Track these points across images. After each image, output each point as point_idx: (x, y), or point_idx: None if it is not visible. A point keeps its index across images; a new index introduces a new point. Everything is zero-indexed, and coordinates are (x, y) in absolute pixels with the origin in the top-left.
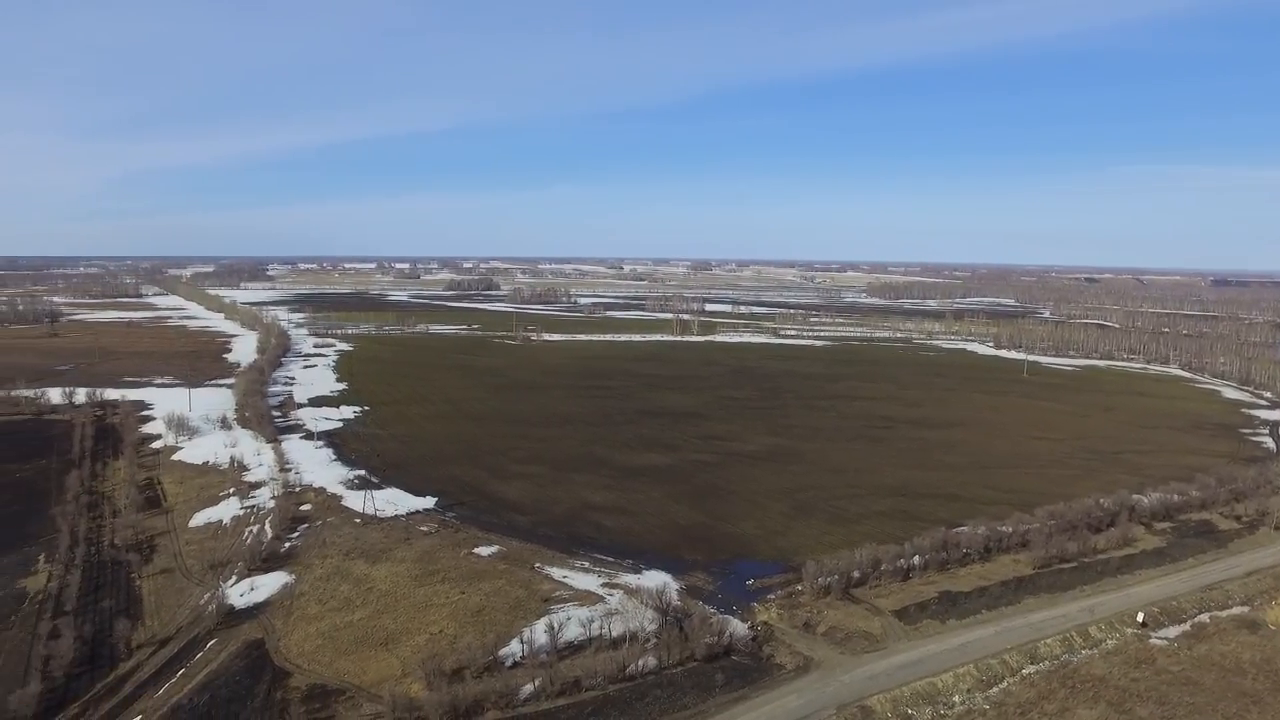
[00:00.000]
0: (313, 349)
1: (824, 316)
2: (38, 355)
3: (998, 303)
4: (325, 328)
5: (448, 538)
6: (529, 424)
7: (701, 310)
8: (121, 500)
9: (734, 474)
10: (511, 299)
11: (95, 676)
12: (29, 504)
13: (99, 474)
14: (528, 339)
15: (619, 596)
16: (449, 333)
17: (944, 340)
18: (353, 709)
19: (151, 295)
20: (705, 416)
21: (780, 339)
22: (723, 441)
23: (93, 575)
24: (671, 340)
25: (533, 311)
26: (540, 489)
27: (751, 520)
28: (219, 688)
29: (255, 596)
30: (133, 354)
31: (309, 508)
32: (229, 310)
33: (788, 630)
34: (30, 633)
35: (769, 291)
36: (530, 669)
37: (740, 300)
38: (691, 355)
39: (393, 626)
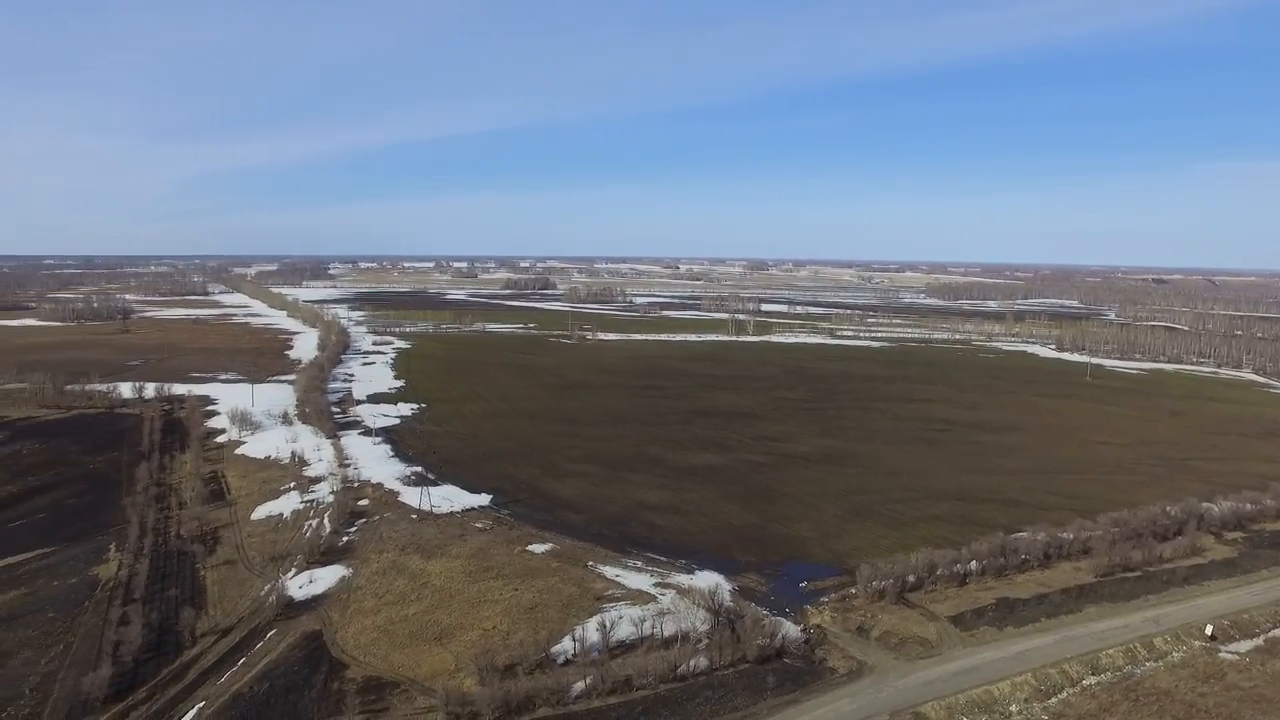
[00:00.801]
0: (372, 346)
1: (881, 317)
2: (111, 350)
3: (1060, 304)
4: (384, 326)
5: (502, 535)
6: (583, 423)
7: (757, 310)
8: (187, 492)
9: (788, 475)
10: (567, 298)
11: (161, 662)
12: (101, 494)
13: (167, 466)
14: (583, 338)
15: (671, 596)
16: (505, 331)
17: (1004, 342)
18: (407, 702)
19: (218, 293)
20: (759, 417)
21: (836, 340)
22: (777, 442)
23: (160, 564)
24: (726, 340)
25: (588, 311)
26: (594, 488)
27: (805, 522)
28: (278, 677)
29: (314, 589)
30: (199, 350)
31: (366, 503)
32: (291, 308)
33: (841, 634)
34: (102, 618)
35: (825, 292)
36: (582, 667)
37: (796, 300)
38: (746, 355)
39: (447, 622)
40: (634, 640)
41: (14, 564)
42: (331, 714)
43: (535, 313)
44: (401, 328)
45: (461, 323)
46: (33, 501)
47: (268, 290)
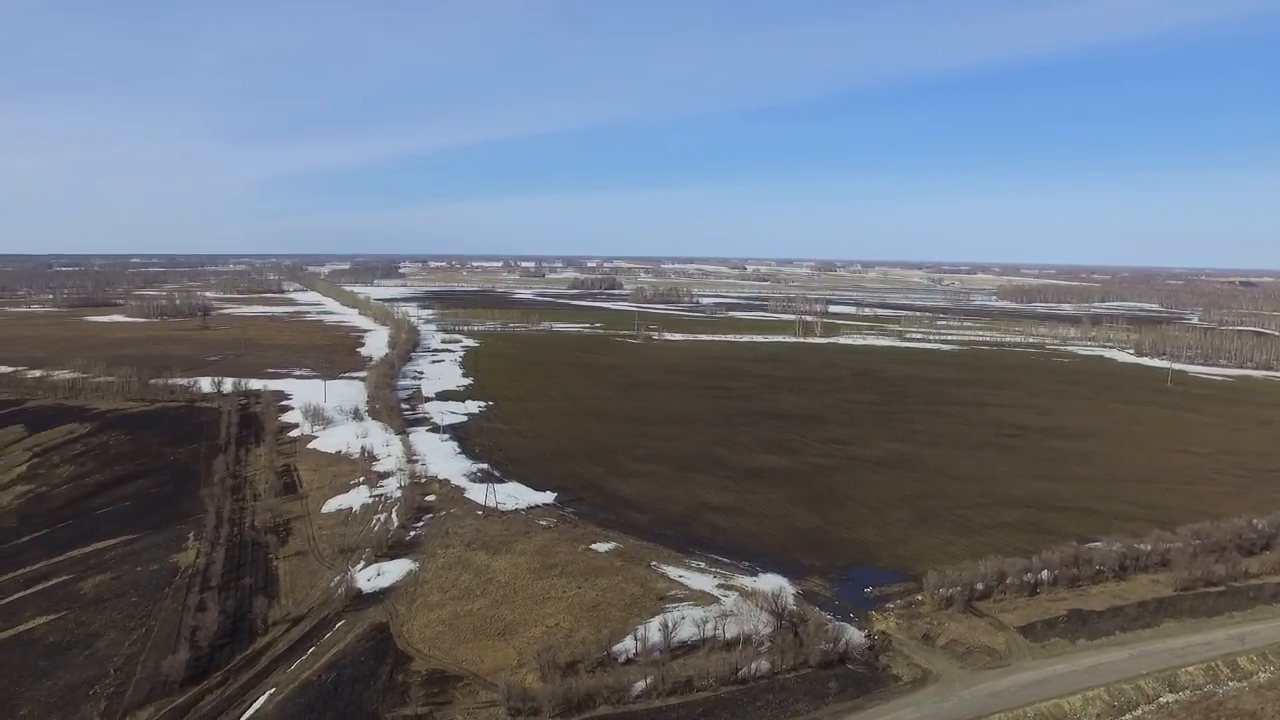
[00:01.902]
0: (441, 345)
1: (951, 320)
2: (191, 346)
3: (1140, 307)
4: (453, 324)
5: (566, 533)
6: (648, 423)
7: (824, 311)
8: (262, 485)
9: (854, 479)
10: (634, 298)
11: (235, 649)
12: (181, 485)
13: (242, 459)
14: (649, 338)
15: (734, 598)
16: (572, 331)
17: (1080, 346)
18: (469, 696)
19: (292, 291)
20: (826, 420)
21: (905, 342)
22: (843, 445)
23: (235, 554)
24: (793, 341)
25: (654, 311)
26: (658, 488)
27: (871, 526)
28: (345, 667)
29: (381, 582)
30: (274, 346)
31: (433, 498)
32: (363, 306)
33: (906, 641)
34: (181, 604)
35: (894, 293)
36: (643, 666)
37: (864, 302)
38: (813, 357)
39: (510, 617)
40: (696, 641)
41: (102, 549)
42: (396, 705)
43: (601, 312)
44: (470, 326)
45: (528, 322)
46: (119, 490)
47: (340, 289)
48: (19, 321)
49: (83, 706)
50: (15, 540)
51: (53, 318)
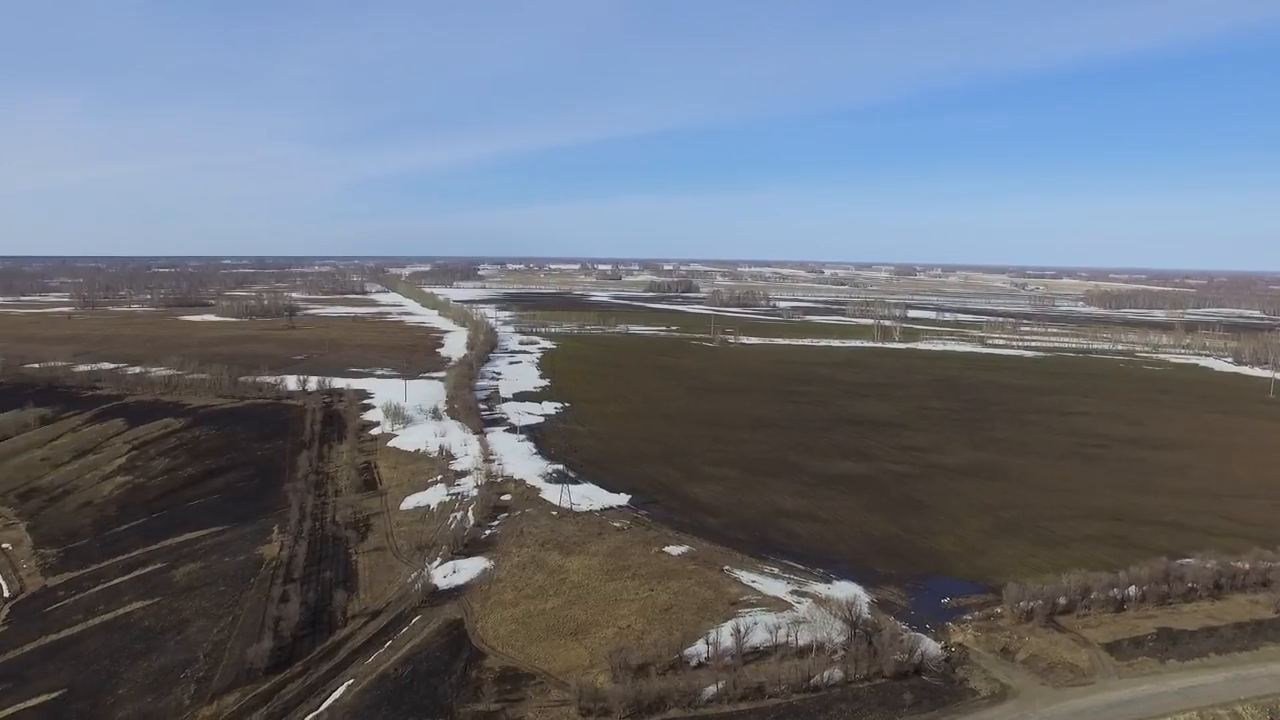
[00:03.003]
0: (518, 346)
1: (1035, 325)
2: (278, 345)
3: (1238, 314)
4: (530, 326)
5: (639, 535)
6: (723, 426)
7: (903, 316)
8: (343, 481)
9: (933, 487)
10: (710, 301)
11: (316, 640)
12: (267, 479)
13: (325, 456)
14: (725, 341)
15: (807, 605)
16: (648, 333)
17: (1172, 354)
18: (541, 694)
19: (375, 292)
20: (904, 426)
21: (987, 348)
22: (922, 453)
23: (317, 548)
24: (871, 347)
25: (730, 314)
26: (732, 492)
27: (949, 536)
28: (420, 662)
29: (457, 579)
30: (357, 346)
31: (509, 498)
32: (442, 307)
33: (984, 654)
34: (265, 595)
35: (976, 298)
36: (714, 671)
37: (945, 307)
38: (891, 363)
39: (583, 618)
40: (768, 647)
41: (193, 540)
42: (469, 701)
43: (677, 315)
44: (547, 328)
45: (605, 324)
46: (209, 483)
47: (421, 290)
48: (121, 320)
49: (174, 689)
50: (115, 528)
51: (151, 317)
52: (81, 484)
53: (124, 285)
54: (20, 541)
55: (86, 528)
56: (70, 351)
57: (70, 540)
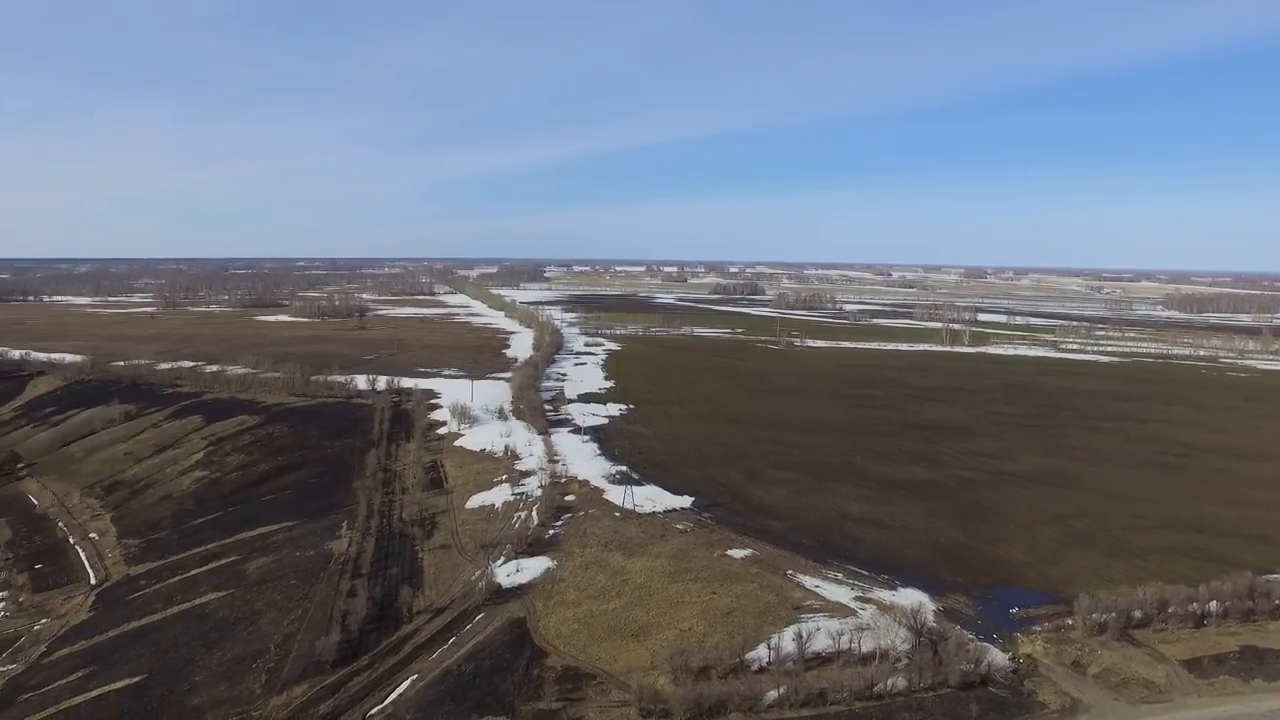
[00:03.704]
0: (583, 347)
1: (1112, 330)
2: (349, 345)
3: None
4: (595, 327)
5: (702, 537)
6: (788, 430)
7: (973, 320)
8: (410, 479)
9: (1002, 494)
10: (775, 304)
11: (382, 634)
12: (336, 477)
13: (393, 454)
14: (790, 344)
15: (871, 612)
16: (712, 336)
17: (1260, 360)
18: (602, 694)
19: (443, 294)
20: (973, 432)
21: (1060, 353)
22: (991, 459)
23: (384, 544)
24: (939, 350)
25: (796, 317)
26: (796, 496)
27: (1019, 545)
28: (483, 659)
29: (520, 578)
30: (425, 347)
31: (573, 498)
32: (509, 309)
33: (1054, 667)
34: (334, 589)
35: (1049, 302)
36: (775, 676)
37: (1016, 310)
38: (960, 367)
39: (644, 619)
40: (830, 653)
41: (266, 534)
42: (531, 699)
43: (743, 318)
44: (612, 330)
45: (670, 326)
46: (282, 479)
47: (488, 291)
48: (200, 320)
49: (246, 678)
50: (193, 521)
51: (228, 317)
52: (162, 478)
53: (204, 286)
54: (106, 532)
55: (166, 520)
56: (153, 350)
57: (151, 532)
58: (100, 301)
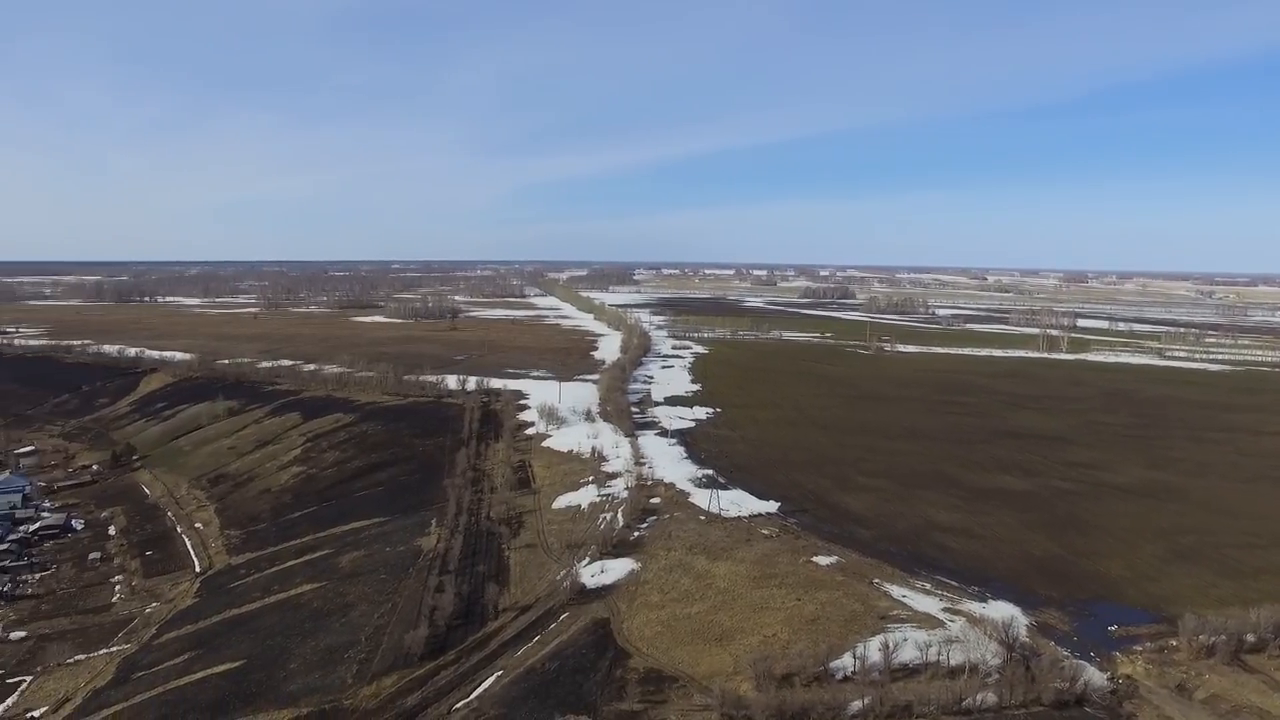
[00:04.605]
0: (671, 350)
1: (1223, 337)
2: (440, 346)
3: None
4: (683, 331)
5: (788, 543)
6: (877, 436)
7: (1072, 326)
8: (498, 478)
9: (1100, 507)
10: (866, 308)
11: (468, 630)
12: (427, 474)
13: (482, 454)
14: (881, 349)
15: (960, 624)
16: (801, 340)
17: None
18: (684, 698)
19: (533, 296)
20: (1070, 441)
21: (1165, 361)
22: (1089, 470)
23: (472, 542)
24: (1036, 357)
25: (887, 321)
26: (885, 503)
27: (1118, 560)
28: (567, 658)
29: (604, 579)
30: (514, 348)
31: (658, 501)
32: (597, 311)
33: (1156, 690)
34: (422, 584)
35: (1154, 307)
36: (860, 686)
37: (1118, 316)
38: (1058, 374)
39: (728, 624)
40: (917, 665)
41: (359, 528)
42: (613, 699)
43: (832, 322)
44: (700, 333)
45: (758, 330)
46: (374, 476)
47: (577, 294)
48: (300, 321)
49: (338, 668)
50: (290, 514)
51: (326, 318)
52: (262, 472)
53: (304, 288)
54: (210, 522)
55: (265, 513)
56: (255, 349)
57: (251, 523)
58: (208, 302)
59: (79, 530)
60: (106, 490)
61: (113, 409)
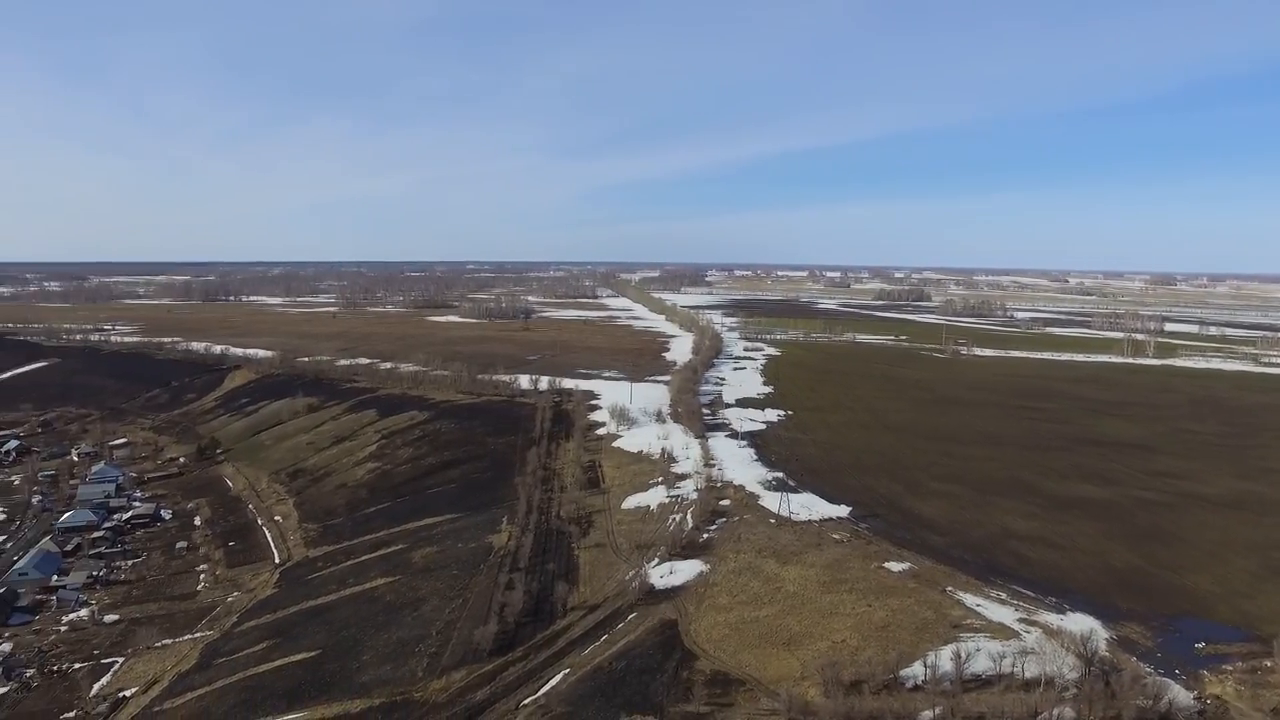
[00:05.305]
0: (742, 352)
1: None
2: (513, 345)
3: None
4: (755, 332)
5: (859, 548)
6: (951, 441)
7: (1159, 330)
8: (569, 478)
9: (1187, 519)
10: (942, 310)
11: (537, 627)
12: (499, 473)
13: (553, 453)
14: (957, 353)
15: (1036, 635)
16: (875, 342)
17: None
18: (750, 701)
19: (604, 297)
20: (1155, 450)
21: (1262, 367)
22: (1175, 480)
23: (542, 540)
24: (1119, 362)
25: (964, 324)
26: (959, 510)
27: (1207, 574)
28: (634, 658)
29: (673, 580)
30: (586, 349)
31: (728, 503)
32: (669, 312)
33: (1249, 712)
34: (493, 581)
35: (1249, 310)
36: (930, 695)
37: (1209, 320)
38: (1143, 380)
39: (796, 628)
40: (990, 676)
41: (432, 525)
42: (680, 701)
43: (907, 324)
44: (772, 335)
45: (831, 332)
46: (447, 473)
47: (648, 295)
48: (376, 320)
49: (409, 661)
50: (365, 509)
51: (402, 317)
52: (338, 468)
53: (381, 288)
54: (289, 515)
55: (341, 507)
56: (334, 347)
57: (328, 517)
58: (289, 301)
59: (167, 520)
60: (192, 482)
61: (199, 404)
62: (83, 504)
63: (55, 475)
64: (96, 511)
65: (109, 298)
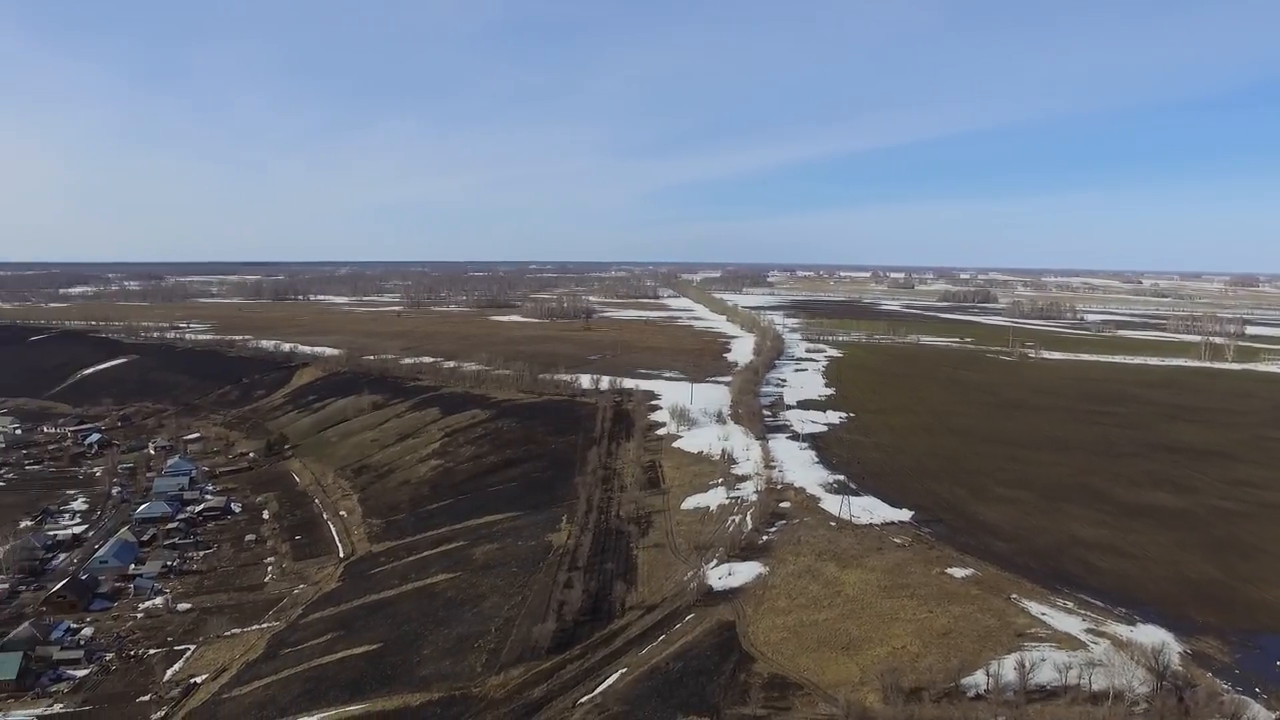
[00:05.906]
0: (804, 354)
1: None
2: (574, 345)
3: None
4: (817, 334)
5: (920, 553)
6: (1017, 445)
7: (1239, 333)
8: (629, 477)
9: (1269, 529)
10: (1009, 312)
11: (595, 626)
12: (558, 472)
13: (613, 452)
14: (1024, 355)
15: (1105, 646)
16: (939, 344)
17: None
18: (808, 706)
19: (666, 297)
20: (1234, 457)
21: None
22: (1256, 489)
23: (601, 539)
24: (1196, 366)
25: (1031, 326)
26: (1024, 516)
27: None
28: (691, 659)
29: (731, 582)
30: (647, 349)
31: (787, 505)
32: (730, 313)
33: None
34: (552, 579)
35: None
36: (993, 705)
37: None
38: (1221, 385)
39: (855, 633)
40: (1055, 687)
41: (492, 522)
42: (736, 703)
43: (973, 326)
44: (834, 336)
45: (895, 334)
46: (508, 471)
47: (710, 295)
48: (440, 319)
49: (469, 656)
50: (427, 506)
51: (465, 316)
52: (402, 464)
53: (444, 288)
54: (354, 511)
55: (404, 504)
56: (398, 346)
57: (391, 513)
58: (355, 301)
59: (237, 513)
60: (261, 477)
61: (268, 400)
62: (158, 496)
63: (133, 468)
64: (171, 503)
65: (184, 297)
